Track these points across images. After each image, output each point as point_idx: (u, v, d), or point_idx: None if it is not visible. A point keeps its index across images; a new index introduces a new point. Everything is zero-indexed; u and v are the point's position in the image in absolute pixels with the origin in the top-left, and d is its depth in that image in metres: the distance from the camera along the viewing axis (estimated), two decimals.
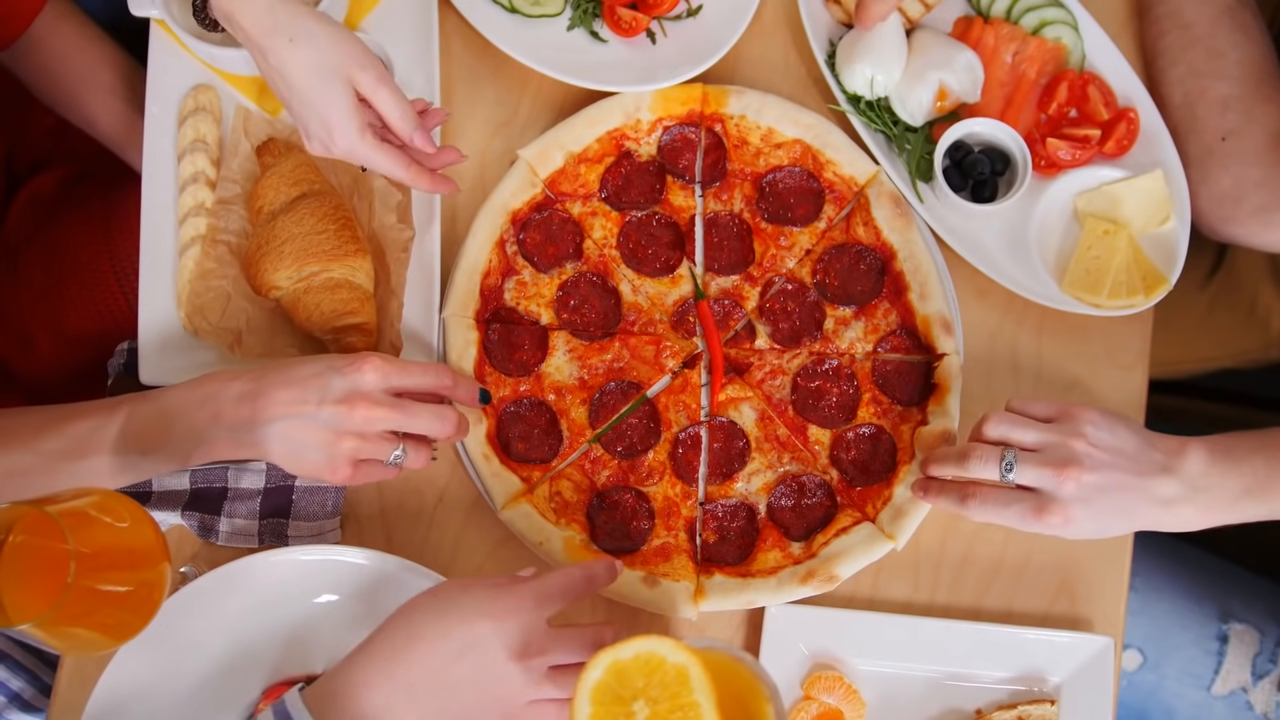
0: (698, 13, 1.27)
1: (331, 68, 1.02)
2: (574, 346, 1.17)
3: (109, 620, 0.94)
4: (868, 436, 1.15)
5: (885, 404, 1.16)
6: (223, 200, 1.19)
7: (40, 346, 1.35)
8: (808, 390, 1.17)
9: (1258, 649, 1.33)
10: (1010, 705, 1.10)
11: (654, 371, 1.17)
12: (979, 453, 1.01)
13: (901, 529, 1.10)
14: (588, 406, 1.16)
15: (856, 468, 1.14)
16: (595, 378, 1.16)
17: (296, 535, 1.13)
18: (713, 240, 1.21)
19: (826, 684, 1.10)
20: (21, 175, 1.46)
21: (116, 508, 0.95)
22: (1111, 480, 0.98)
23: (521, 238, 1.19)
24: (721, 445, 1.16)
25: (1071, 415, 1.01)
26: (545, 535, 1.10)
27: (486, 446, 1.12)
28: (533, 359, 1.16)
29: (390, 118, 1.06)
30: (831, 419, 1.16)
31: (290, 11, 1.02)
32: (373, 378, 0.97)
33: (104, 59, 1.32)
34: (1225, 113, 1.19)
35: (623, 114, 1.21)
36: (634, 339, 1.17)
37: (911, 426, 1.15)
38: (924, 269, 1.17)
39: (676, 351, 1.17)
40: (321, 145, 1.06)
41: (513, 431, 1.14)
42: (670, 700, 0.85)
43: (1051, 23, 1.24)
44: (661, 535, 1.12)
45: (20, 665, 1.28)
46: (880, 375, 1.17)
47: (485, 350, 1.15)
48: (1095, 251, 1.19)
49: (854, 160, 1.20)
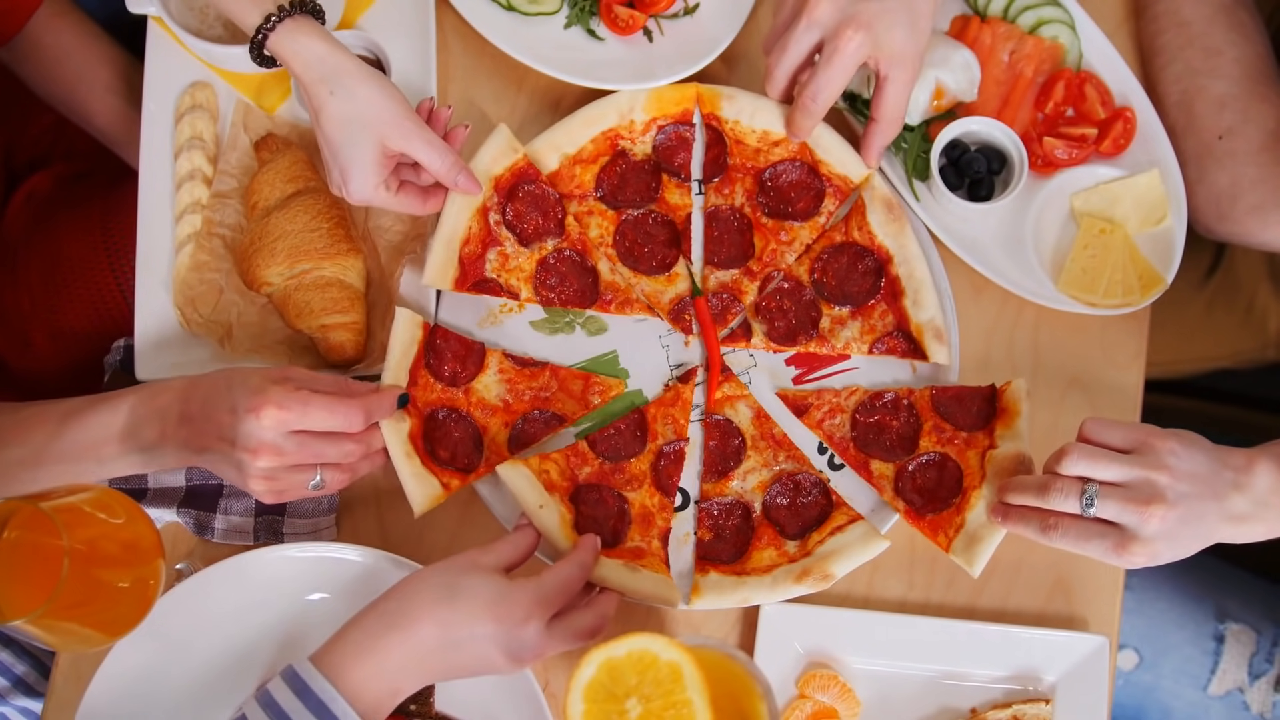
0: (695, 11, 1.27)
1: (362, 124, 1.06)
2: (505, 369, 1.15)
3: (103, 616, 0.94)
4: (932, 464, 1.12)
5: (948, 431, 1.14)
6: (219, 194, 1.19)
7: (37, 343, 1.35)
8: (867, 425, 1.15)
9: (1254, 649, 1.33)
10: (1005, 704, 1.10)
11: (579, 407, 1.15)
12: (1059, 486, 0.99)
13: (977, 555, 1.07)
14: (509, 430, 1.14)
15: (922, 495, 1.12)
16: (519, 403, 1.15)
17: (292, 532, 1.13)
18: (713, 234, 1.21)
19: (821, 682, 1.10)
20: (20, 173, 1.46)
21: (112, 504, 0.96)
22: (1193, 510, 0.97)
23: (507, 208, 1.18)
24: (717, 443, 1.16)
25: (1151, 446, 0.99)
26: (545, 501, 1.08)
27: (409, 445, 1.09)
28: (465, 373, 1.14)
29: (432, 169, 1.10)
30: (893, 451, 1.14)
31: (338, 64, 1.06)
32: (270, 424, 0.96)
33: (101, 56, 1.32)
34: (1222, 111, 1.19)
35: (617, 114, 1.21)
36: (563, 372, 1.16)
37: (979, 452, 1.12)
38: (918, 276, 1.17)
39: (606, 386, 1.16)
40: (337, 189, 1.10)
41: (436, 436, 1.12)
42: (663, 698, 0.86)
43: (1048, 21, 1.24)
44: (636, 539, 1.11)
45: (24, 650, 1.29)
46: (940, 403, 1.14)
47: (425, 351, 1.13)
48: (1091, 250, 1.19)
49: (846, 160, 1.20)
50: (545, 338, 1.19)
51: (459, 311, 1.19)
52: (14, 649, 1.28)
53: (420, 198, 1.13)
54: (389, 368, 1.11)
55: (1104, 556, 0.99)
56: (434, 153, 1.08)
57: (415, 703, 1.07)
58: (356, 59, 1.08)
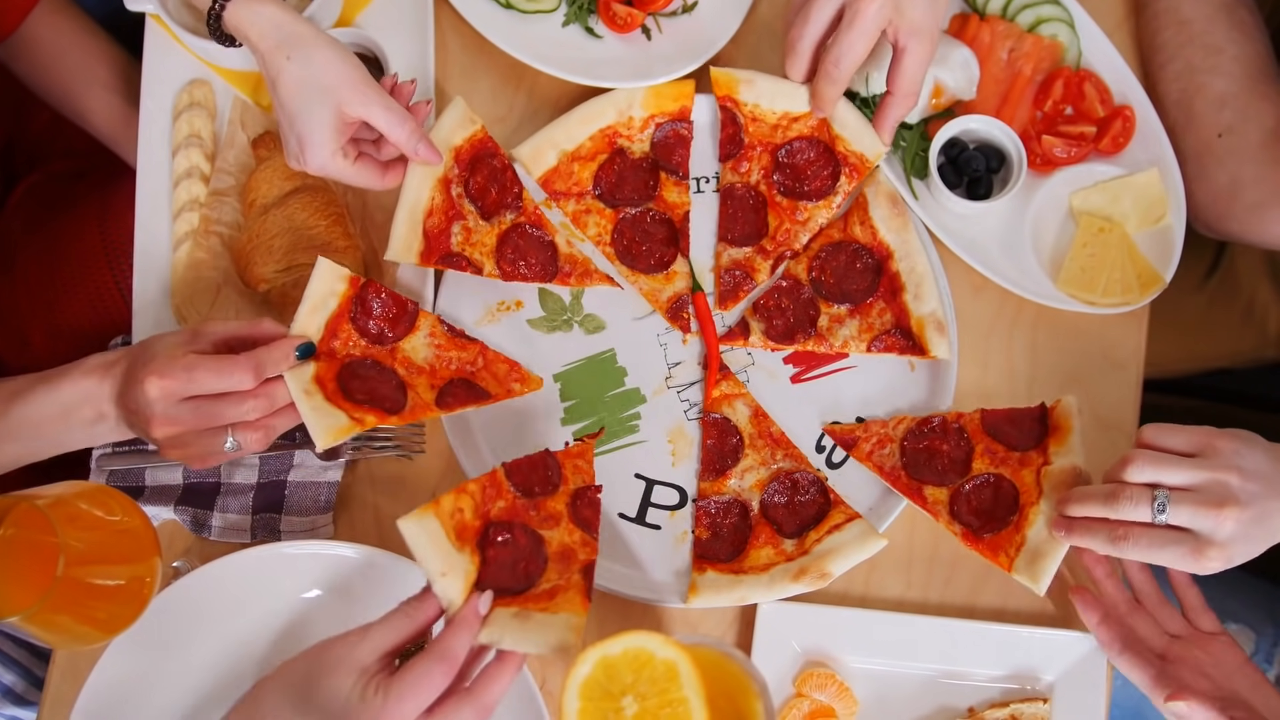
0: (693, 9, 1.27)
1: (320, 88, 1.04)
2: (437, 334, 1.13)
3: (99, 613, 0.94)
4: (987, 485, 1.11)
5: (1000, 452, 1.12)
6: (217, 191, 1.19)
7: (35, 341, 1.35)
8: (917, 452, 1.14)
9: (1254, 649, 1.32)
10: (1003, 703, 1.10)
11: (500, 390, 1.14)
12: (1128, 494, 0.98)
13: (1041, 572, 1.05)
14: (435, 391, 1.11)
15: (979, 516, 1.10)
16: (445, 370, 1.13)
17: (289, 530, 1.13)
18: (728, 212, 1.22)
19: (818, 681, 1.09)
20: (18, 170, 1.46)
21: (108, 501, 0.96)
22: (1264, 509, 0.96)
23: (469, 180, 1.17)
24: (715, 442, 1.16)
25: (1215, 448, 0.98)
26: (450, 564, 0.95)
27: (312, 384, 1.03)
28: (394, 333, 1.12)
29: (391, 136, 1.08)
30: (946, 476, 1.13)
31: (295, 31, 1.05)
32: (155, 394, 0.94)
33: (99, 54, 1.32)
34: (1222, 109, 1.19)
35: (615, 111, 1.21)
36: (489, 354, 1.15)
37: (1034, 470, 1.10)
38: (920, 270, 1.17)
39: (525, 379, 1.16)
40: (295, 160, 1.08)
41: (352, 382, 1.07)
42: (659, 696, 0.85)
43: (1048, 20, 1.24)
44: (553, 579, 1.01)
45: (12, 660, 1.28)
46: (990, 424, 1.13)
47: (353, 305, 1.09)
48: (1090, 249, 1.19)
49: (862, 136, 1.19)
50: (543, 335, 1.19)
51: (458, 310, 1.19)
52: (2, 659, 1.28)
53: (379, 171, 1.11)
54: (298, 317, 1.07)
55: (1178, 564, 0.97)
56: (393, 118, 1.07)
57: None
58: (315, 26, 1.07)
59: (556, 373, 1.18)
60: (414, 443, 1.16)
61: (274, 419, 1.01)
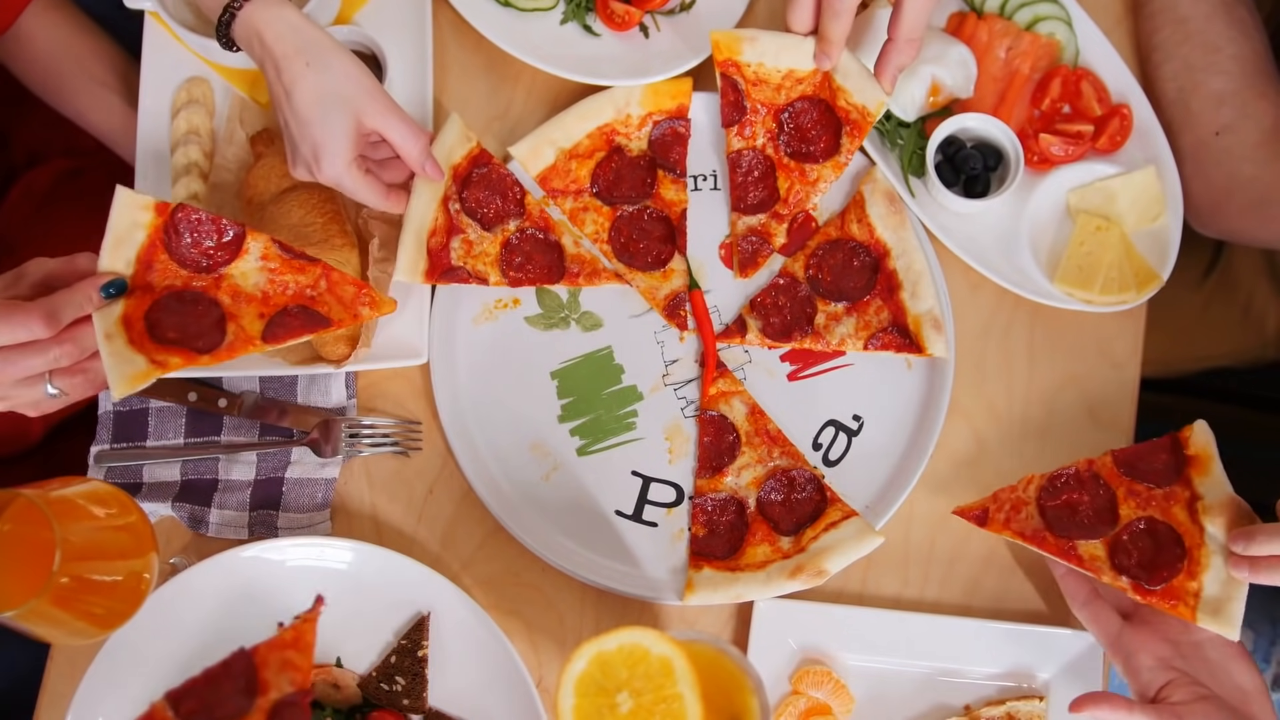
0: (691, 7, 1.27)
1: (340, 98, 1.04)
2: (270, 256, 1.07)
3: (95, 609, 0.94)
4: (1142, 532, 1.05)
5: (1144, 492, 1.06)
6: (215, 188, 1.19)
7: None
8: (1057, 508, 1.07)
9: (1252, 648, 1.32)
10: (999, 701, 1.10)
11: (346, 314, 1.07)
12: None
13: (1230, 617, 1.00)
14: (264, 321, 1.05)
15: (1146, 569, 1.03)
16: (280, 296, 1.07)
17: (286, 527, 1.13)
18: (738, 179, 1.22)
19: (815, 679, 1.09)
20: (17, 168, 1.46)
21: (105, 497, 0.96)
22: None
23: (464, 195, 1.18)
24: (712, 439, 1.16)
25: None
26: None
27: (118, 327, 0.99)
28: (220, 258, 1.06)
29: (402, 149, 1.09)
30: (1094, 528, 1.06)
31: (314, 38, 1.05)
32: None
33: (96, 51, 1.32)
34: (1220, 107, 1.19)
35: (613, 109, 1.21)
36: (334, 275, 1.08)
37: (1183, 505, 1.05)
38: (917, 268, 1.17)
39: (376, 301, 1.08)
40: (306, 170, 1.08)
41: (162, 319, 1.02)
42: (654, 692, 0.85)
43: (1045, 18, 1.24)
44: None
45: None
46: (1125, 464, 1.07)
47: (166, 233, 1.04)
48: (1088, 247, 1.19)
49: (864, 88, 1.18)
50: (540, 333, 1.19)
51: (456, 308, 1.19)
52: None
53: (383, 190, 1.11)
54: (102, 254, 1.03)
55: None
56: (408, 133, 1.08)
57: (408, 698, 1.07)
58: (330, 34, 1.07)
59: (554, 370, 1.18)
60: (411, 440, 1.16)
61: (93, 361, 0.99)
